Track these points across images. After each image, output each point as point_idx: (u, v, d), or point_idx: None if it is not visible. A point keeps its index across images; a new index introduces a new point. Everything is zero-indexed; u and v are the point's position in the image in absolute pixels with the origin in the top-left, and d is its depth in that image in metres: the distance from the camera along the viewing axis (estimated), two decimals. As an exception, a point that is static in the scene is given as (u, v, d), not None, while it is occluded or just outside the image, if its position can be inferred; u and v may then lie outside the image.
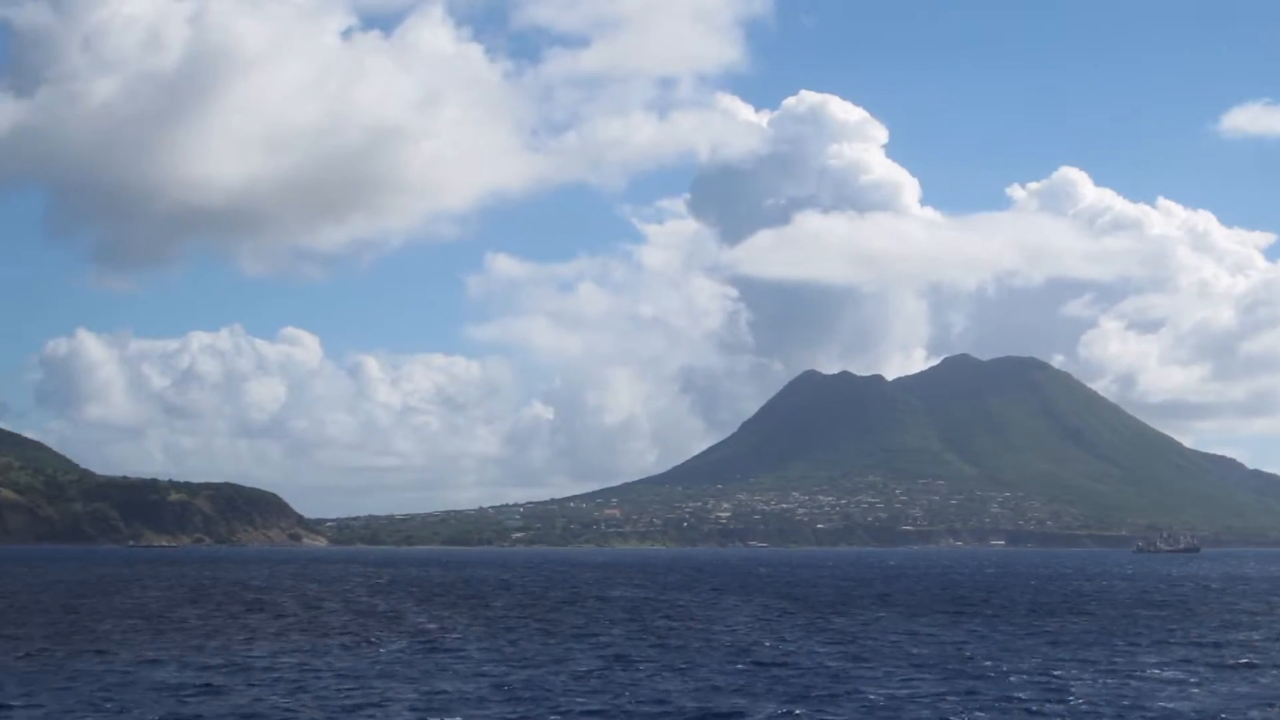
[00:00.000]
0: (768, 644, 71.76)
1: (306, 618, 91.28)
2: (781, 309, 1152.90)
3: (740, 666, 60.49)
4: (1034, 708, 48.50)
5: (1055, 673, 58.49)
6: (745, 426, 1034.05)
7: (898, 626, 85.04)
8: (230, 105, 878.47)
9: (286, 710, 47.23)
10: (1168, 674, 58.90)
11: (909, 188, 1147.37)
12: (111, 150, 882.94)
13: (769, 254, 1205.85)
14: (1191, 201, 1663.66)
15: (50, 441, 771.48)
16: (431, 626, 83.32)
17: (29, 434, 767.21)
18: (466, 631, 79.49)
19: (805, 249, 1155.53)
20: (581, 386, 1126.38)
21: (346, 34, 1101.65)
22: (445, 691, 52.04)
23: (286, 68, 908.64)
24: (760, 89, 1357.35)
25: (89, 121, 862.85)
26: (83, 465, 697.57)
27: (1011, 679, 55.99)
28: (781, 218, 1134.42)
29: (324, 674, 57.94)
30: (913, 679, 56.23)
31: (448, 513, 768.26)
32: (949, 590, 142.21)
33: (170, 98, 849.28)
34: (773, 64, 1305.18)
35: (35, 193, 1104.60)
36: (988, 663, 62.28)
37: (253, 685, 53.34)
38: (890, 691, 52.31)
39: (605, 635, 76.86)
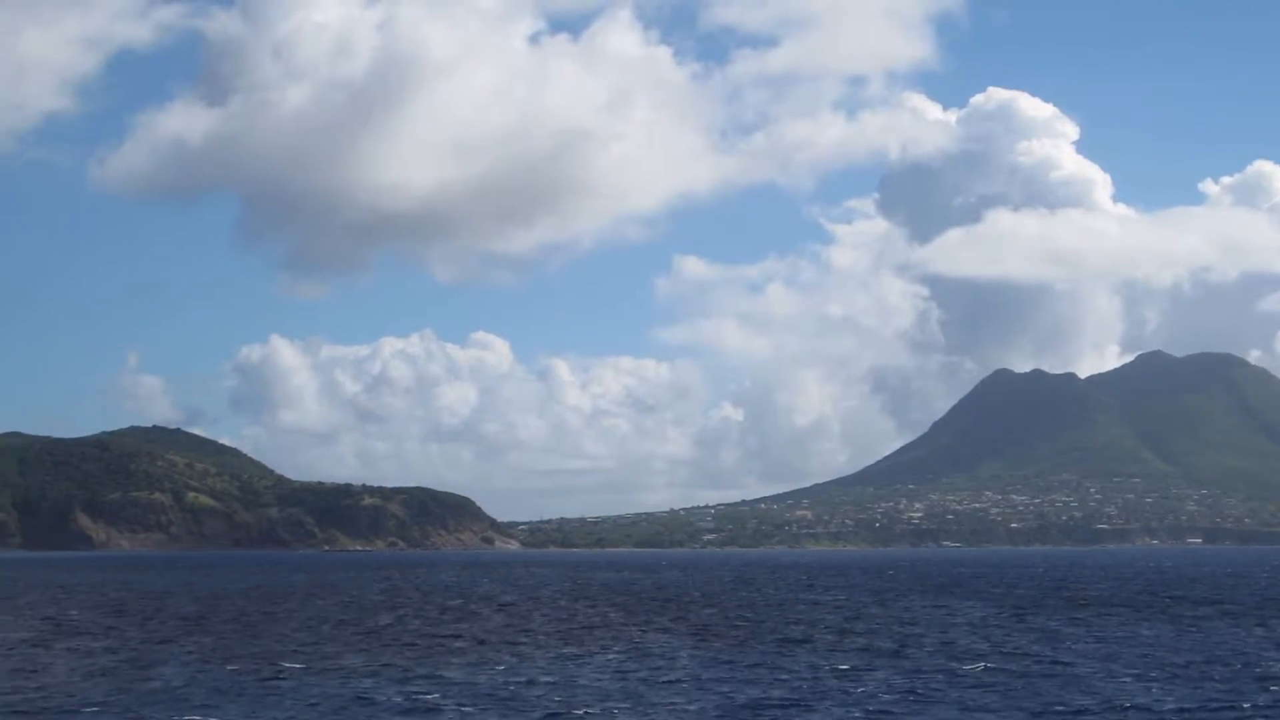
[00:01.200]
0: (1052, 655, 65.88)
1: (508, 624, 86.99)
2: (972, 307, 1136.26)
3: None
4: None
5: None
6: (936, 426, 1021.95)
7: (1165, 630, 78.53)
8: (419, 111, 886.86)
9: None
10: None
11: (1100, 184, 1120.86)
12: (302, 158, 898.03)
13: (959, 252, 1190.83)
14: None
15: (245, 448, 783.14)
16: (641, 634, 78.57)
17: (224, 440, 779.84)
18: (676, 639, 74.58)
19: (996, 247, 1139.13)
20: (771, 387, 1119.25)
21: (534, 38, 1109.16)
22: (672, 705, 47.45)
23: (475, 73, 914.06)
24: (948, 86, 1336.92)
25: (280, 129, 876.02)
26: (277, 471, 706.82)
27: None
28: (972, 216, 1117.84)
29: (534, 686, 53.68)
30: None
31: (639, 515, 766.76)
32: (1201, 590, 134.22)
33: (360, 104, 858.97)
34: (962, 60, 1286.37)
35: (228, 201, 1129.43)
36: None
37: (464, 706, 48.94)
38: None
39: (844, 643, 71.49)
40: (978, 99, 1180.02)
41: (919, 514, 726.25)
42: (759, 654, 66.17)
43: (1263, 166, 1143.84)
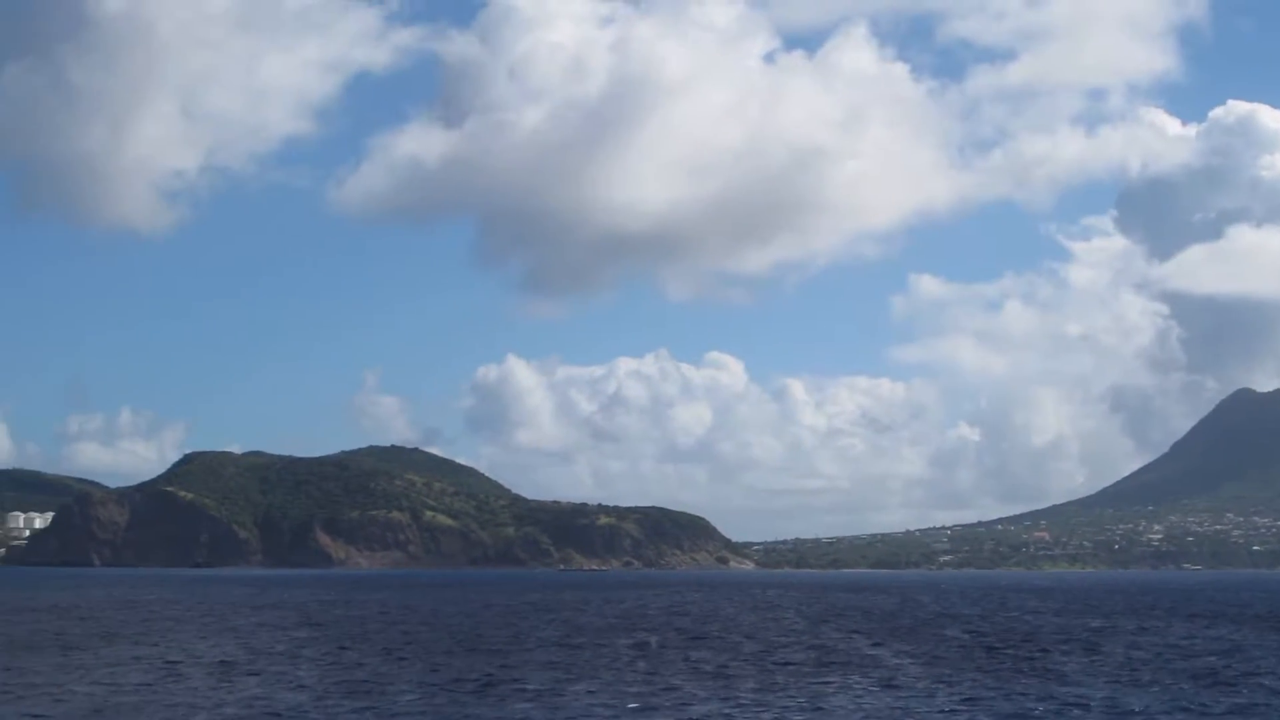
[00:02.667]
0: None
1: (751, 650, 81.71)
2: (1214, 325, 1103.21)
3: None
4: None
5: None
6: (1177, 446, 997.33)
7: None
8: (654, 130, 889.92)
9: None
10: None
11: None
12: (539, 178, 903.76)
13: (1200, 269, 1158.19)
14: None
15: (482, 467, 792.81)
16: (896, 662, 72.78)
17: (462, 460, 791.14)
18: (929, 670, 68.68)
19: (1239, 263, 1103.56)
20: (1008, 407, 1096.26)
21: (769, 56, 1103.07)
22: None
23: (709, 91, 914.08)
24: (1188, 98, 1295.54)
25: (517, 150, 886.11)
26: (513, 490, 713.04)
27: None
28: (1213, 232, 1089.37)
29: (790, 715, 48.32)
30: None
31: (874, 536, 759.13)
32: None
33: (595, 124, 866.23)
34: (1203, 71, 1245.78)
35: (466, 222, 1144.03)
36: None
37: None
38: None
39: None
40: (1217, 112, 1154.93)
41: (1158, 535, 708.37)
42: (1033, 685, 60.03)
43: None
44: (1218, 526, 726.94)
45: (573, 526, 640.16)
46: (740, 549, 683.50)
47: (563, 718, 48.67)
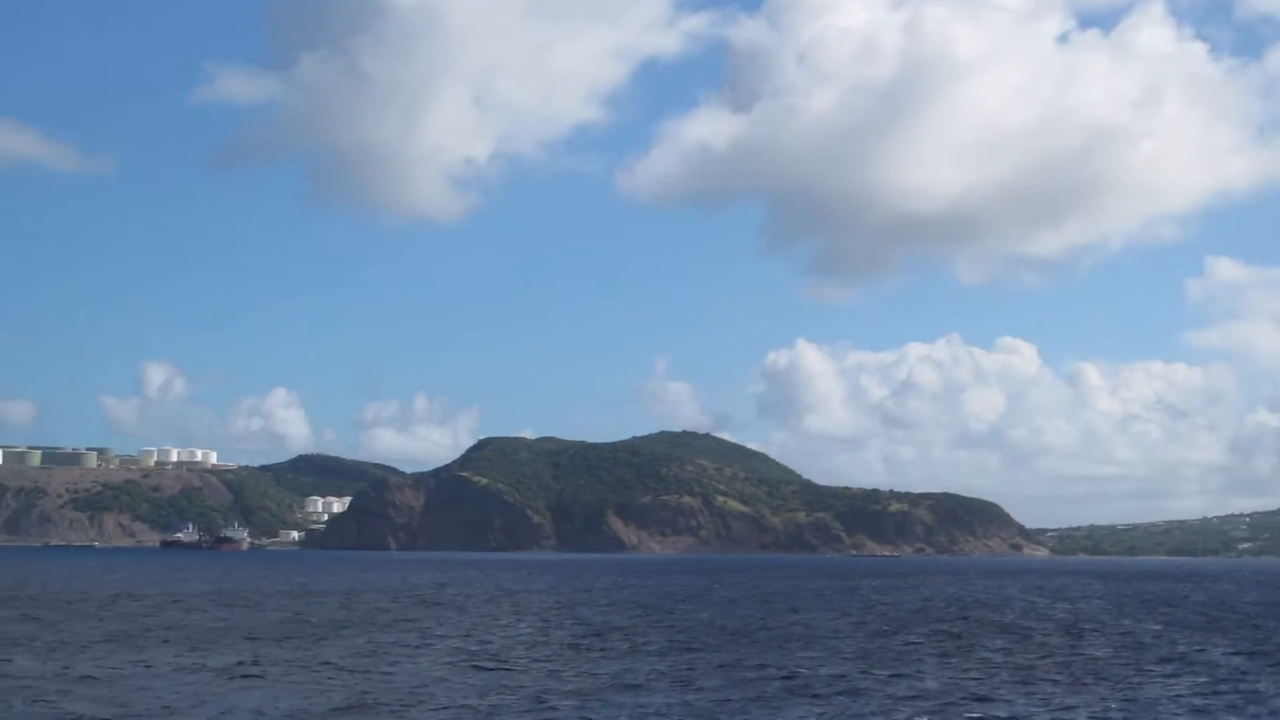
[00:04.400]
0: None
1: (1056, 642, 76.47)
2: None
3: None
4: None
5: None
6: None
7: None
8: (945, 112, 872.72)
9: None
10: None
11: None
12: (828, 162, 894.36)
13: None
14: None
15: (772, 452, 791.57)
16: (1220, 660, 66.94)
17: (752, 445, 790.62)
18: (1261, 666, 62.75)
19: None
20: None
21: (1063, 37, 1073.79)
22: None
23: (1002, 72, 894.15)
24: None
25: (805, 134, 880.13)
26: (804, 476, 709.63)
27: None
28: None
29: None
30: None
31: (1170, 523, 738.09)
32: None
33: (885, 107, 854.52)
34: None
35: (755, 206, 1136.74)
36: None
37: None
38: None
39: None
40: None
41: None
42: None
43: None
44: None
45: (864, 512, 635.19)
46: (1033, 535, 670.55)
47: (862, 713, 44.70)
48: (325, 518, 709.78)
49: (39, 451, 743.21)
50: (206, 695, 48.21)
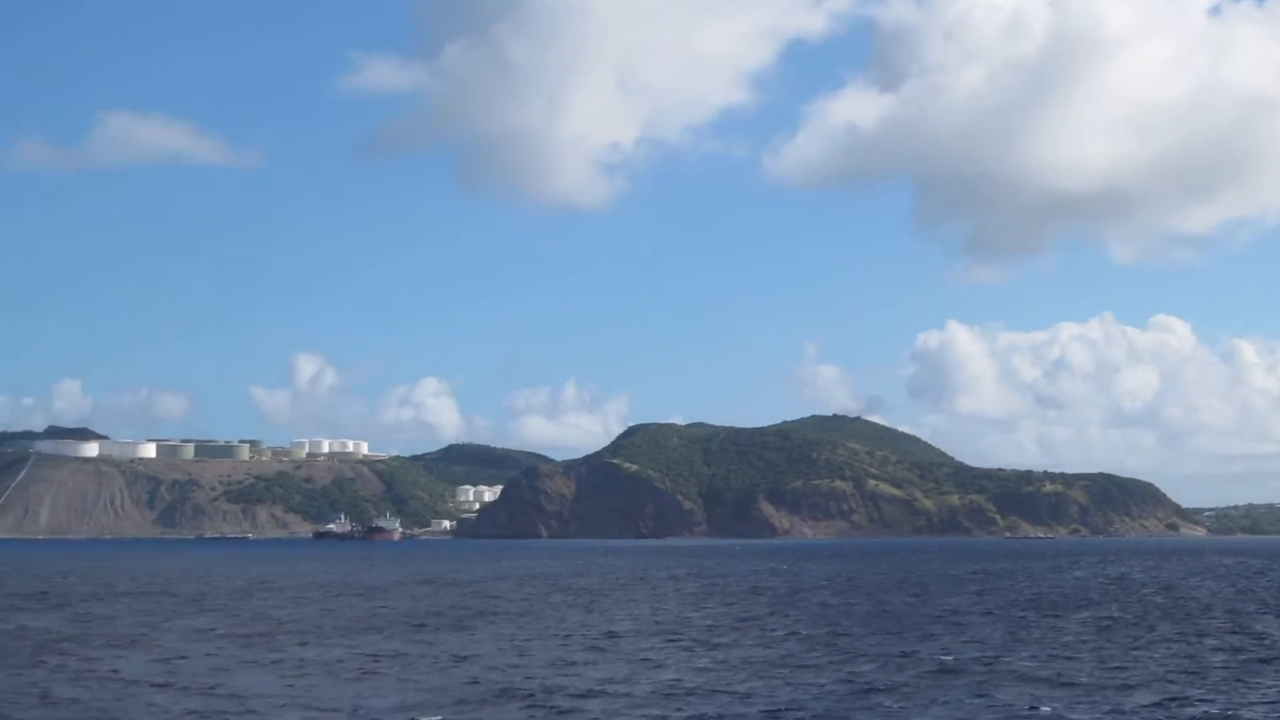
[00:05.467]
0: None
1: (1219, 626, 73.43)
2: None
3: None
4: None
5: None
6: None
7: None
8: (1095, 87, 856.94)
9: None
10: None
11: None
12: (977, 140, 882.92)
13: None
14: None
15: (924, 435, 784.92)
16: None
17: (903, 428, 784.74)
18: None
19: None
20: None
21: (1215, 9, 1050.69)
22: None
23: (1153, 45, 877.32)
24: None
25: (954, 112, 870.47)
26: (957, 458, 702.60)
27: None
28: None
29: None
30: None
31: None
32: None
33: (1034, 83, 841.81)
34: None
35: (903, 186, 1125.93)
36: None
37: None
38: None
39: None
40: None
41: None
42: None
43: None
44: None
45: (1018, 494, 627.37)
46: (1190, 515, 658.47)
47: (1014, 699, 42.77)
48: (476, 507, 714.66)
49: (192, 444, 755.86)
50: (349, 685, 47.49)
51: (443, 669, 52.28)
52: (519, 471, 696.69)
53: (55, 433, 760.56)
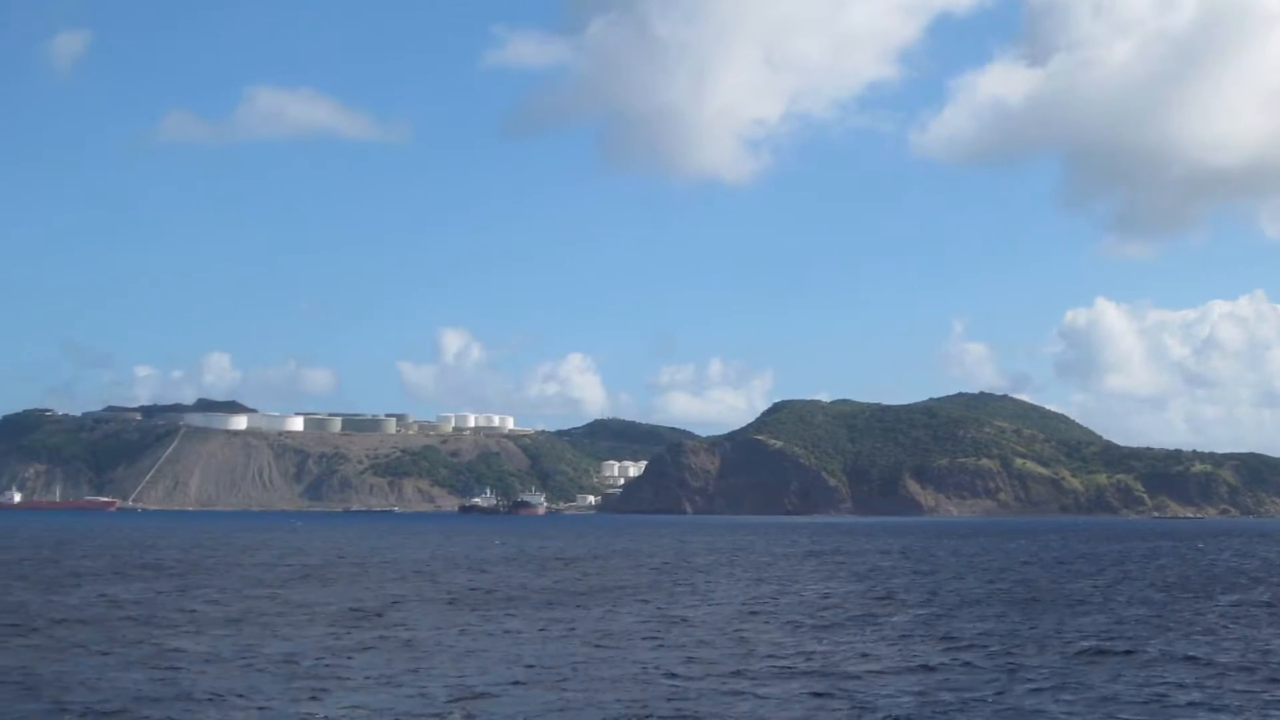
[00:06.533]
0: None
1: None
2: None
3: None
4: None
5: None
6: None
7: None
8: (1249, 60, 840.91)
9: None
10: None
11: None
12: (1127, 115, 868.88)
13: None
14: None
15: (1072, 413, 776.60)
16: None
17: (1051, 406, 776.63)
18: None
19: None
20: None
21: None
22: None
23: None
24: None
25: (1104, 86, 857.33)
26: (1105, 437, 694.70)
27: None
28: None
29: None
30: None
31: None
32: None
33: (1186, 56, 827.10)
34: None
35: (1051, 161, 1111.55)
36: None
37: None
38: None
39: None
40: None
41: None
42: None
43: None
44: None
45: (1166, 474, 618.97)
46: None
47: (1160, 681, 43.54)
48: (621, 482, 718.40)
49: (339, 418, 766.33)
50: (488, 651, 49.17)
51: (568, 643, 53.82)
52: (663, 447, 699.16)
53: (205, 406, 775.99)
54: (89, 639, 54.15)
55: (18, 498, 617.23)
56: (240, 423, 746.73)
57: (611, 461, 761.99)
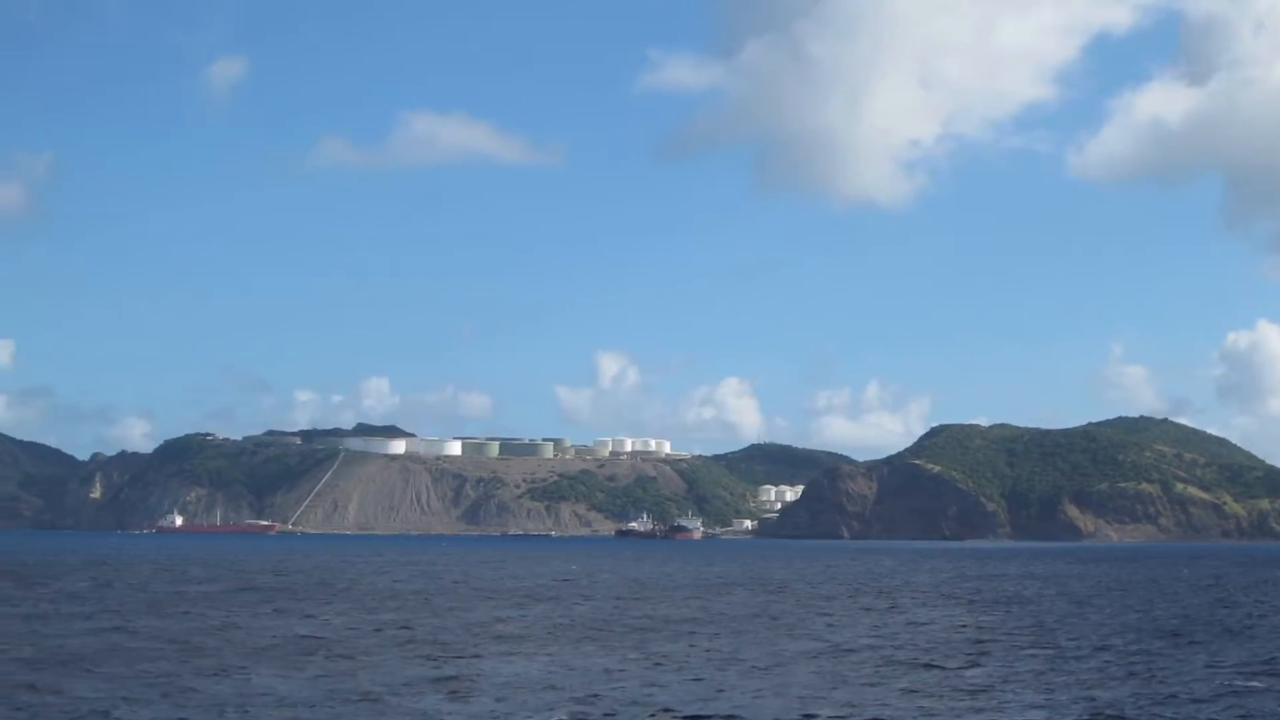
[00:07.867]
0: None
1: None
2: None
3: None
4: None
5: None
6: None
7: None
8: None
9: None
10: None
11: None
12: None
13: None
14: None
15: (1233, 437, 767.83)
16: None
17: (1212, 430, 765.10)
18: None
19: None
20: None
21: None
22: None
23: None
24: None
25: (1265, 105, 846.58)
26: (1268, 461, 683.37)
27: None
28: None
29: None
30: None
31: None
32: None
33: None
34: None
35: (1212, 182, 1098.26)
36: None
37: None
38: None
39: None
40: None
41: None
42: None
43: None
44: None
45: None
46: None
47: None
48: (778, 506, 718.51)
49: (497, 443, 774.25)
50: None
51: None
52: (820, 471, 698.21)
53: (363, 430, 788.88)
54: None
55: (179, 521, 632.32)
56: (399, 447, 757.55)
57: (768, 486, 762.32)
